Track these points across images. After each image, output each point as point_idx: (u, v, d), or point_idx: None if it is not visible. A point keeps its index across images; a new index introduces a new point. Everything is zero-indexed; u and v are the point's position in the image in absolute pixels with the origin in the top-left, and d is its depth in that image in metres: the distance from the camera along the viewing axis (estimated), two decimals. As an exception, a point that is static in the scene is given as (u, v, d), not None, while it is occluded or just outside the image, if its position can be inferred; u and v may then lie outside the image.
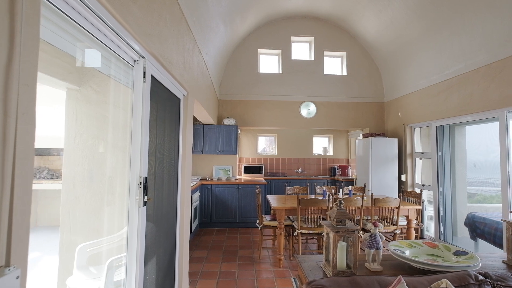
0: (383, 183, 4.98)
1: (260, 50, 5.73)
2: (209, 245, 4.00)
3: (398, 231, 3.35)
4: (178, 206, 2.43)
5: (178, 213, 2.44)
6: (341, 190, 3.81)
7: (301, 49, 5.89)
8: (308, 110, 5.65)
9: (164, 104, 2.14)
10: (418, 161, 4.92)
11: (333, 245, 1.45)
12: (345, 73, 5.78)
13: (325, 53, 5.78)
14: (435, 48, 4.15)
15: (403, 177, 5.01)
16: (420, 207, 3.46)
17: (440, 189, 4.32)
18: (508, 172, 3.20)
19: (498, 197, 4.08)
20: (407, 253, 1.64)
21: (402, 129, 5.12)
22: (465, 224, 3.95)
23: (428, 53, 4.32)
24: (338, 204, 1.66)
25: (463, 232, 4.16)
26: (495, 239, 3.42)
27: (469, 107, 3.70)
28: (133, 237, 1.49)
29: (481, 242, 3.77)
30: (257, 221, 3.74)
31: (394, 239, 3.36)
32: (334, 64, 5.95)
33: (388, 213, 3.30)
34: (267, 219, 3.62)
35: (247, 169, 6.10)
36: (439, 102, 4.24)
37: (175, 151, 2.41)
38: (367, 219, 3.61)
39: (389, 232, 3.38)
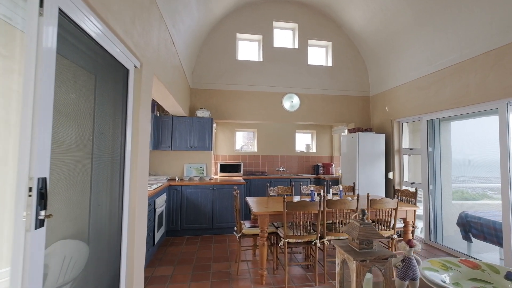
0: (371, 181, 4.63)
1: (238, 35, 5.15)
2: (176, 259, 3.34)
3: (395, 236, 2.95)
4: (124, 218, 1.78)
5: (125, 229, 1.79)
6: (330, 190, 3.36)
7: (284, 36, 5.39)
8: (291, 102, 5.17)
9: (96, 70, 1.49)
10: (405, 158, 4.64)
11: (357, 280, 0.92)
12: (330, 64, 5.38)
13: (310, 41, 5.34)
14: (427, 37, 3.85)
15: (390, 175, 4.70)
16: (418, 208, 3.09)
17: (431, 187, 4.04)
18: (509, 167, 2.92)
19: (485, 195, 3.89)
20: (447, 279, 1.16)
21: (389, 124, 4.82)
22: (458, 224, 3.68)
23: (419, 42, 4.02)
24: (361, 216, 1.13)
25: (452, 231, 3.91)
26: (498, 240, 3.14)
27: (464, 99, 3.42)
28: (17, 283, 0.84)
29: (475, 242, 3.50)
30: (235, 228, 3.16)
31: (392, 246, 2.96)
32: (319, 54, 5.53)
33: (384, 215, 2.88)
34: (246, 226, 3.05)
35: (224, 168, 5.49)
36: (430, 94, 3.95)
37: (120, 143, 1.76)
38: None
39: (385, 238, 2.97)
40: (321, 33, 5.31)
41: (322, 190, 3.39)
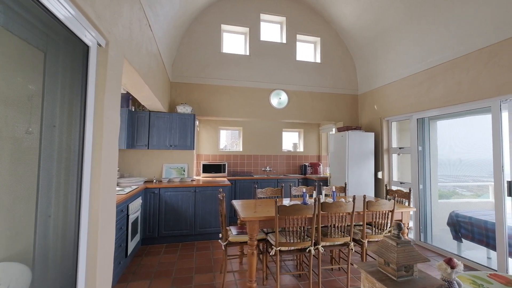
0: (360, 181, 4.48)
1: (223, 26, 4.83)
2: (153, 271, 2.96)
3: (392, 240, 2.77)
4: (82, 231, 1.42)
5: (83, 244, 1.43)
6: (323, 191, 3.14)
7: (272, 30, 5.14)
8: (279, 99, 4.92)
9: (46, 45, 1.14)
10: (394, 157, 4.54)
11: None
12: (318, 60, 5.20)
13: (298, 36, 5.12)
14: (419, 33, 3.75)
15: (379, 175, 4.59)
16: (414, 209, 2.94)
17: (421, 186, 3.95)
18: (502, 166, 2.84)
19: (455, 192, 3.87)
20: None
21: (378, 123, 4.71)
22: (448, 223, 3.60)
23: (410, 39, 3.91)
24: (396, 232, 0.89)
25: (438, 230, 3.84)
26: (488, 240, 3.06)
27: (456, 97, 3.33)
28: None
29: (465, 242, 3.44)
30: (220, 235, 2.84)
31: (388, 250, 2.77)
32: (308, 50, 5.33)
33: (381, 218, 2.69)
34: (233, 233, 2.75)
35: (207, 168, 5.14)
36: (421, 92, 3.85)
37: (78, 138, 1.40)
38: (359, 229, 2.98)
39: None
40: (309, 28, 5.11)
41: (314, 192, 3.16)
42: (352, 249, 2.62)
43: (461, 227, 3.37)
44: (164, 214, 3.89)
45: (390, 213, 2.71)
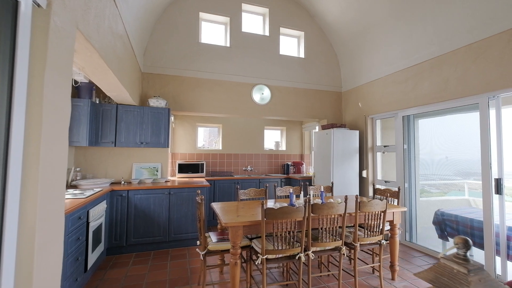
0: (345, 180, 4.35)
1: (202, 14, 4.46)
2: (119, 286, 2.55)
3: (384, 242, 2.61)
4: (5, 254, 1.03)
5: (8, 271, 1.04)
6: (311, 191, 2.90)
7: (254, 21, 4.86)
8: (261, 94, 4.65)
9: None
10: (378, 156, 4.47)
11: None
12: (302, 55, 5.01)
13: (282, 30, 4.89)
14: (405, 29, 3.67)
15: (364, 173, 4.49)
16: (405, 209, 2.81)
17: (406, 185, 3.89)
18: (490, 164, 2.79)
19: (424, 190, 3.88)
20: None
21: (362, 121, 4.61)
22: (434, 222, 3.55)
23: (395, 35, 3.83)
24: (462, 252, 0.61)
25: (420, 228, 3.81)
26: (473, 238, 3.02)
27: (443, 94, 3.27)
28: None
29: (450, 241, 3.40)
30: (198, 242, 2.51)
31: (380, 253, 2.61)
32: (291, 44, 5.12)
33: (373, 219, 2.52)
34: (213, 241, 2.42)
35: (183, 168, 4.74)
36: (407, 89, 3.78)
37: (1, 129, 1.02)
38: (350, 232, 2.78)
39: (373, 244, 2.61)
40: (293, 21, 4.91)
41: (301, 192, 2.93)
42: (344, 254, 2.42)
43: (447, 226, 3.32)
44: (134, 219, 3.45)
45: (382, 214, 2.55)
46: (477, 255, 3.12)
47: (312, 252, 2.34)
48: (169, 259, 3.27)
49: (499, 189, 2.64)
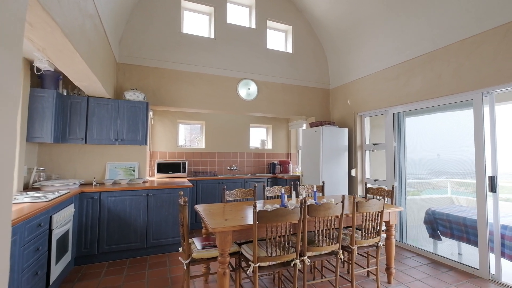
0: (333, 179, 4.22)
1: (184, 3, 4.16)
2: (87, 304, 2.21)
3: (381, 244, 2.47)
4: None
5: None
6: (304, 191, 2.72)
7: (240, 13, 4.62)
8: (248, 90, 4.42)
9: None
10: (367, 154, 4.39)
11: None
12: (290, 50, 4.84)
13: (269, 23, 4.70)
14: (397, 24, 3.60)
15: (353, 172, 4.39)
16: (402, 209, 2.70)
17: (396, 183, 3.82)
18: (485, 162, 2.75)
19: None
20: None
21: (351, 119, 4.52)
22: (425, 221, 3.50)
23: (387, 31, 3.76)
24: None
25: (411, 228, 3.77)
26: (469, 236, 2.97)
27: (436, 90, 3.22)
28: None
29: (439, 240, 3.36)
30: (180, 249, 2.23)
31: (377, 256, 2.47)
32: (278, 39, 4.94)
33: (370, 220, 2.38)
34: (197, 247, 2.16)
35: (163, 168, 4.40)
36: (398, 86, 3.72)
37: None
38: (345, 234, 2.62)
39: (369, 247, 2.47)
40: (281, 15, 4.73)
41: (293, 192, 2.73)
42: (341, 258, 2.25)
43: (439, 225, 3.27)
44: (107, 224, 3.09)
45: (379, 214, 2.41)
46: (471, 253, 3.09)
47: (308, 257, 2.15)
48: (148, 267, 2.95)
49: (493, 187, 2.59)
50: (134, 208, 3.22)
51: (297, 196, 4.22)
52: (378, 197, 3.10)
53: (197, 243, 2.26)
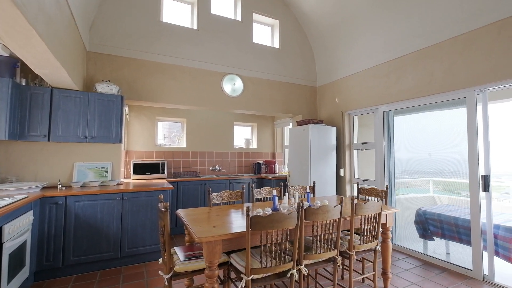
0: (322, 179, 4.09)
1: (164, -11, 3.83)
2: (46, 330, 1.86)
3: (379, 247, 2.34)
4: None
5: None
6: (296, 193, 2.53)
7: (225, 3, 4.36)
8: (233, 85, 4.17)
9: None
10: (355, 154, 4.31)
11: None
12: (276, 46, 4.66)
13: (255, 16, 4.48)
14: (387, 21, 3.52)
15: (341, 172, 4.29)
16: (399, 210, 2.59)
17: (386, 183, 3.75)
18: (478, 160, 2.71)
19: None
20: None
21: (339, 117, 4.42)
22: (416, 222, 3.45)
23: (377, 27, 3.68)
24: None
25: (400, 228, 3.73)
26: (461, 236, 2.93)
27: (428, 88, 3.17)
28: None
29: (431, 240, 3.32)
30: (160, 260, 1.95)
31: (374, 261, 2.33)
32: (265, 33, 4.74)
33: (368, 222, 2.23)
34: (180, 259, 1.89)
35: (140, 168, 4.03)
36: (389, 84, 3.65)
37: None
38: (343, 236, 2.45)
39: (367, 251, 2.33)
40: (267, 8, 4.53)
41: (286, 194, 2.53)
42: (339, 266, 2.08)
43: (430, 225, 3.23)
44: (74, 232, 2.71)
45: (377, 216, 2.28)
46: (458, 251, 3.06)
47: (305, 266, 1.95)
48: (122, 280, 2.61)
49: (486, 186, 2.56)
50: (106, 214, 2.86)
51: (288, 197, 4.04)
52: (371, 198, 2.99)
53: (179, 253, 1.99)
